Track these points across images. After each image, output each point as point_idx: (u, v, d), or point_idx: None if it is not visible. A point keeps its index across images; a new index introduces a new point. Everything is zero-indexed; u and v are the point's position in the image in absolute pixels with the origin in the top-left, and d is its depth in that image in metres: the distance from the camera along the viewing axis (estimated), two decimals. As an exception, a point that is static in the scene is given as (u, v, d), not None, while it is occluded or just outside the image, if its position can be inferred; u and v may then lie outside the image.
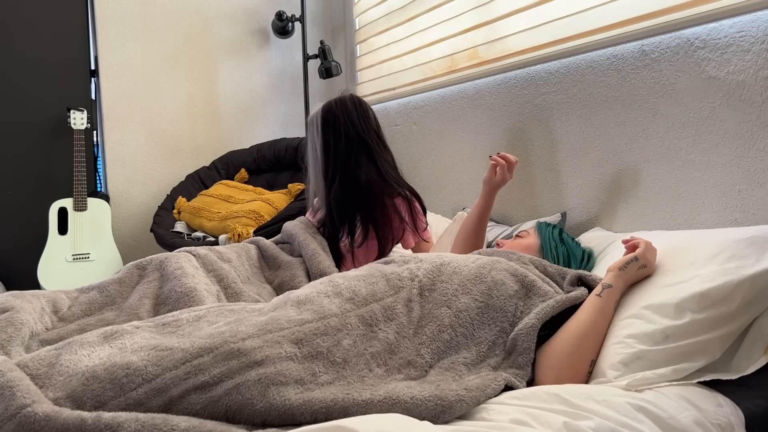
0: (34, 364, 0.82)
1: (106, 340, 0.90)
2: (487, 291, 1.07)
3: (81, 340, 0.88)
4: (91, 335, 0.90)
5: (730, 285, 0.97)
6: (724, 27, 1.35)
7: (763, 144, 1.30)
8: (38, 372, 0.81)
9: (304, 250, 1.53)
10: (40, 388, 0.77)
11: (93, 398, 0.76)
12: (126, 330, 0.93)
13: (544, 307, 1.02)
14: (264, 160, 2.75)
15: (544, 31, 1.83)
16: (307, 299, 0.99)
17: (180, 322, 0.98)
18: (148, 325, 0.97)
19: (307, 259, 1.51)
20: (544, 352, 1.02)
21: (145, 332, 0.93)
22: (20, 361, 0.83)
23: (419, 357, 0.96)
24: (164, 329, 0.96)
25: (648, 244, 1.12)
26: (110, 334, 0.91)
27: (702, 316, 0.96)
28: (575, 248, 1.41)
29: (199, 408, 0.77)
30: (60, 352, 0.85)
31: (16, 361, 0.82)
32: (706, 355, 0.96)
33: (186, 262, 1.31)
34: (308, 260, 1.50)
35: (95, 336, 0.90)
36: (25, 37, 2.54)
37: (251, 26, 3.03)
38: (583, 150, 1.73)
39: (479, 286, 1.07)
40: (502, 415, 0.82)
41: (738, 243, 1.03)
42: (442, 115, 2.34)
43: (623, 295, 1.08)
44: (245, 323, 0.91)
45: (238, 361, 0.82)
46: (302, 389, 0.82)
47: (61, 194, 2.60)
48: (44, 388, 0.78)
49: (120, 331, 0.92)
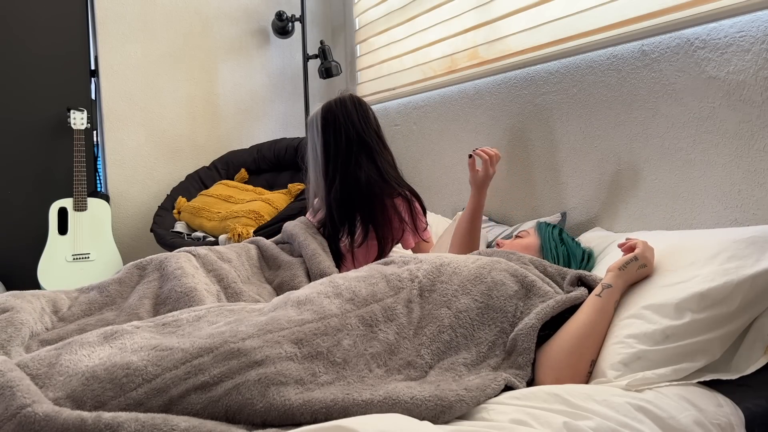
0: (34, 364, 0.82)
1: (106, 340, 0.90)
2: (487, 291, 1.07)
3: (81, 340, 0.88)
4: (91, 335, 0.90)
5: (731, 285, 0.97)
6: (724, 27, 1.35)
7: (763, 144, 1.30)
8: (38, 372, 0.81)
9: (305, 250, 1.53)
10: (40, 388, 0.77)
11: (93, 398, 0.76)
12: (126, 330, 0.93)
13: (544, 307, 1.02)
14: (264, 160, 2.75)
15: (544, 31, 1.83)
16: (307, 299, 0.99)
17: (180, 322, 0.98)
18: (148, 325, 0.97)
19: (307, 259, 1.51)
20: (544, 352, 1.02)
21: (145, 332, 0.93)
22: (20, 361, 0.83)
23: (419, 357, 0.96)
24: (164, 329, 0.96)
25: (645, 244, 1.12)
26: (110, 334, 0.91)
27: (702, 316, 0.96)
28: (575, 248, 1.41)
29: (199, 408, 0.77)
30: (60, 352, 0.85)
31: (16, 361, 0.82)
32: (706, 355, 0.96)
33: (186, 262, 1.31)
34: (308, 260, 1.50)
35: (95, 336, 0.90)
36: (25, 37, 2.54)
37: (251, 26, 3.03)
38: (583, 150, 1.73)
39: (479, 287, 1.07)
40: (502, 415, 0.82)
41: (738, 243, 1.03)
42: (442, 115, 2.33)
43: (623, 295, 1.09)
44: (245, 323, 0.91)
45: (238, 361, 0.82)
46: (302, 389, 0.81)
47: (61, 194, 2.60)
48: (44, 388, 0.78)
49: (120, 331, 0.92)
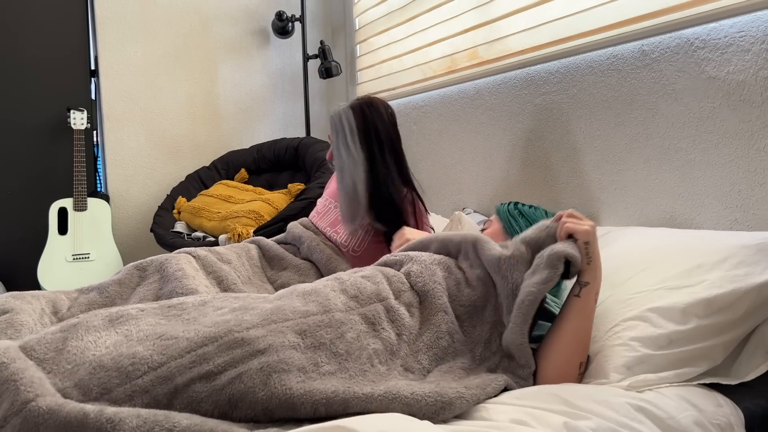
0: (41, 348, 0.82)
1: (111, 324, 0.89)
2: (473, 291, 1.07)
3: (86, 324, 0.88)
4: (96, 318, 0.90)
5: (738, 292, 0.96)
6: (724, 27, 1.35)
7: (763, 144, 1.30)
8: (45, 357, 0.81)
9: (317, 253, 1.54)
10: (47, 374, 0.77)
11: (99, 386, 0.76)
12: (131, 314, 0.92)
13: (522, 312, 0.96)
14: (264, 160, 2.75)
15: (544, 31, 1.83)
16: (313, 291, 0.99)
17: (185, 305, 0.98)
18: (153, 307, 0.96)
19: (321, 263, 1.52)
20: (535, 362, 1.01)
21: (150, 317, 0.93)
22: (26, 343, 0.83)
23: (417, 363, 0.96)
24: (169, 312, 0.95)
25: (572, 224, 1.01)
26: (115, 318, 0.91)
27: (707, 322, 0.96)
28: (535, 215, 1.34)
29: (204, 396, 0.77)
30: (66, 336, 0.85)
31: (21, 343, 0.83)
32: (708, 361, 0.96)
33: (186, 264, 1.31)
34: (323, 264, 1.51)
35: (100, 319, 0.90)
36: (25, 37, 2.54)
37: (251, 26, 3.03)
38: (583, 150, 1.73)
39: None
40: (502, 415, 0.82)
41: (747, 249, 1.02)
42: (442, 115, 2.33)
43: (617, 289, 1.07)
44: (250, 312, 0.91)
45: (242, 350, 0.82)
46: (304, 378, 0.82)
47: (61, 194, 2.59)
48: (51, 374, 0.78)
49: (125, 315, 0.92)
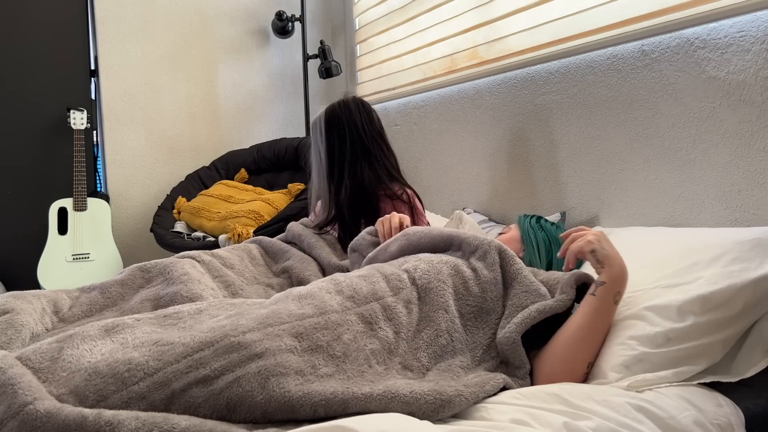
0: (37, 358, 0.82)
1: (107, 334, 0.89)
2: (482, 294, 1.07)
3: (82, 334, 0.88)
4: (92, 328, 0.90)
5: (734, 288, 0.96)
6: (724, 27, 1.35)
7: (763, 144, 1.30)
8: (41, 366, 0.81)
9: (316, 250, 1.54)
10: (42, 383, 0.77)
11: (95, 392, 0.76)
12: (127, 324, 0.92)
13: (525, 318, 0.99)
14: (264, 160, 2.75)
15: (544, 31, 1.83)
16: (308, 294, 0.99)
17: (181, 314, 0.98)
18: (149, 317, 0.96)
19: (321, 258, 1.52)
20: (539, 359, 1.01)
21: (146, 325, 0.93)
22: (22, 354, 0.82)
23: (416, 361, 0.96)
24: (165, 321, 0.96)
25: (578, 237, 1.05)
26: (111, 328, 0.91)
27: (704, 319, 0.96)
28: (555, 231, 1.38)
29: (201, 401, 0.77)
30: (62, 346, 0.85)
31: (17, 354, 0.82)
32: (707, 358, 0.96)
33: (191, 268, 1.31)
34: (323, 259, 1.52)
35: (96, 329, 0.90)
36: (25, 37, 2.54)
37: (251, 26, 3.03)
38: (583, 150, 1.73)
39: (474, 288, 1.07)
40: (501, 415, 0.82)
41: (741, 245, 1.02)
42: (442, 115, 2.33)
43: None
44: (246, 317, 0.91)
45: (239, 354, 0.82)
46: (302, 380, 0.82)
47: (61, 194, 2.59)
48: (47, 382, 0.78)
49: (121, 325, 0.92)
